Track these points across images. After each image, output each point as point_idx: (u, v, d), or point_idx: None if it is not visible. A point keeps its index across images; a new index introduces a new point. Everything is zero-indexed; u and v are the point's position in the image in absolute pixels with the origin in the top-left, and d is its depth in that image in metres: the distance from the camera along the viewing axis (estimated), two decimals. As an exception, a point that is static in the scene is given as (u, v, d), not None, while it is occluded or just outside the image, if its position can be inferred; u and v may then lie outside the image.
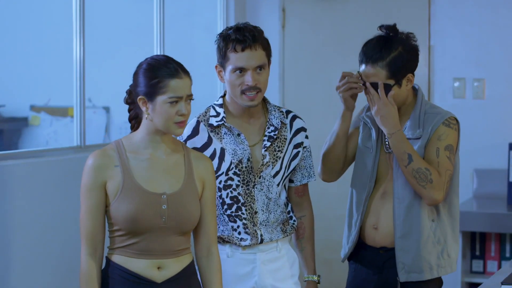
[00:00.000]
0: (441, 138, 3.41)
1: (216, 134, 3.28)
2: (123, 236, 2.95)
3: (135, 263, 2.94)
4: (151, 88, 2.92)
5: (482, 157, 5.52)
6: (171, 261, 2.97)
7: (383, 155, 3.49)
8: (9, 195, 3.86)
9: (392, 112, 3.37)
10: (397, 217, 3.43)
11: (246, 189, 3.28)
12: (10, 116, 5.99)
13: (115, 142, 3.01)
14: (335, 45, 5.88)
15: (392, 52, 3.38)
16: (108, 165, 2.94)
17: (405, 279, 3.43)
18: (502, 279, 3.40)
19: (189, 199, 2.99)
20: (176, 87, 2.93)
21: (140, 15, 5.73)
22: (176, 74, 2.94)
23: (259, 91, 3.22)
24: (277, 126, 3.31)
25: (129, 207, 2.91)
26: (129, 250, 2.94)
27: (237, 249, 3.29)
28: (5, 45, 5.92)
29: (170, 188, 2.97)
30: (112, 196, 2.93)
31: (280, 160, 3.31)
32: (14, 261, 3.86)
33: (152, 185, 2.95)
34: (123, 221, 2.92)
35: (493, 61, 5.53)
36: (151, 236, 2.94)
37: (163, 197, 2.94)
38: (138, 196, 2.92)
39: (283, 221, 3.35)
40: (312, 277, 3.45)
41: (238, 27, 3.22)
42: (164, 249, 2.96)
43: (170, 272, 2.97)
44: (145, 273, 2.94)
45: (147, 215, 2.92)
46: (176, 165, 3.01)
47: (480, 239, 5.26)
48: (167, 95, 2.91)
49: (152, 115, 2.94)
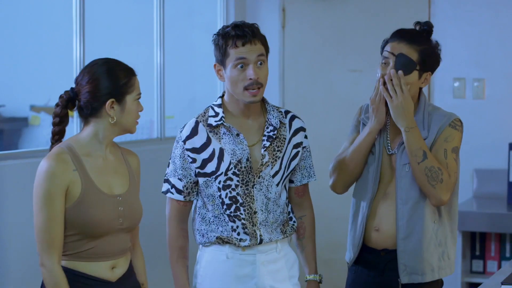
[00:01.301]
0: (448, 139, 3.41)
1: (215, 134, 3.28)
2: (78, 241, 2.92)
3: (91, 266, 2.94)
4: (121, 88, 2.94)
5: (482, 157, 5.52)
6: (122, 260, 3.02)
7: (385, 157, 3.48)
8: (9, 195, 3.86)
9: (411, 106, 3.37)
10: (400, 218, 3.42)
11: (245, 189, 3.27)
12: (10, 116, 5.99)
13: (65, 146, 2.94)
14: (335, 45, 5.88)
15: (427, 44, 3.42)
16: (67, 170, 2.89)
17: (407, 281, 3.43)
18: (502, 279, 3.40)
19: (136, 197, 3.05)
20: (138, 85, 3.01)
21: (140, 15, 5.73)
22: (134, 72, 3.02)
23: (261, 87, 3.22)
24: (276, 126, 3.30)
25: (89, 212, 2.89)
26: (85, 254, 2.93)
27: (237, 250, 3.28)
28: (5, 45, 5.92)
29: (121, 188, 3.00)
30: (71, 201, 2.89)
31: (279, 160, 3.31)
32: (14, 261, 3.86)
33: (108, 188, 2.96)
34: (82, 226, 2.89)
35: (493, 61, 5.53)
36: (107, 238, 2.94)
37: (119, 199, 2.96)
38: (98, 200, 2.92)
39: (283, 222, 3.35)
40: (313, 277, 3.45)
41: (236, 24, 3.23)
42: (117, 250, 2.99)
43: (121, 270, 3.02)
44: (102, 275, 2.96)
45: (107, 218, 2.92)
46: (120, 165, 3.04)
47: (480, 239, 5.26)
48: (136, 93, 2.99)
49: (119, 116, 2.95)
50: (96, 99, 2.94)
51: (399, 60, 3.39)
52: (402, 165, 3.42)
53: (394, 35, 3.45)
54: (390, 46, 3.43)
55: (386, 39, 3.47)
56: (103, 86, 2.95)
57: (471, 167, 5.50)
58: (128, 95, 2.95)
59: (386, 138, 3.49)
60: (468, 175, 5.49)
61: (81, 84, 2.96)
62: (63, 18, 4.78)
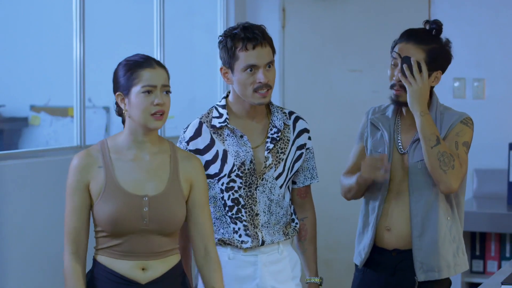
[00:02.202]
0: (459, 134, 3.43)
1: (218, 135, 3.27)
2: (106, 237, 2.94)
3: (119, 263, 2.94)
4: (126, 81, 2.93)
5: (482, 157, 5.51)
6: (156, 262, 2.96)
7: (396, 157, 3.47)
8: (9, 195, 3.86)
9: (428, 94, 3.38)
10: (414, 216, 3.42)
11: (248, 191, 3.26)
12: (10, 116, 5.99)
13: (100, 142, 3.00)
14: (335, 45, 5.88)
15: (436, 43, 3.43)
16: (91, 166, 2.94)
17: (423, 279, 3.42)
18: (502, 279, 3.40)
19: (173, 201, 2.97)
20: (149, 76, 2.92)
21: (140, 15, 5.73)
22: (148, 65, 2.94)
23: (270, 88, 3.22)
24: (280, 127, 3.29)
25: (110, 209, 2.90)
26: (113, 251, 2.94)
27: (238, 251, 3.28)
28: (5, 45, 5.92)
29: (153, 190, 2.95)
30: (95, 197, 2.93)
31: (283, 162, 3.30)
32: (14, 261, 3.86)
33: (134, 187, 2.94)
34: (105, 222, 2.91)
35: (493, 61, 5.53)
36: (133, 237, 2.93)
37: (145, 199, 2.93)
38: (119, 198, 2.91)
39: (285, 224, 3.34)
40: (313, 279, 3.45)
41: (244, 26, 3.20)
42: (148, 251, 2.95)
43: (154, 273, 2.96)
44: (129, 274, 2.94)
45: (128, 217, 2.91)
46: (160, 166, 2.99)
47: (480, 239, 5.26)
48: (140, 85, 2.91)
49: (129, 110, 2.93)
50: (114, 93, 2.99)
51: (405, 63, 3.38)
52: (415, 162, 3.42)
53: (402, 35, 3.46)
54: (398, 47, 3.43)
55: (396, 40, 3.47)
56: (113, 81, 2.99)
57: (471, 167, 5.48)
58: (133, 87, 2.92)
59: (397, 138, 3.48)
60: (468, 175, 5.47)
61: None
62: (63, 18, 4.78)
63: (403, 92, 3.41)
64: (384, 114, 3.54)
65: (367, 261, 3.52)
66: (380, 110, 3.57)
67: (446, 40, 3.48)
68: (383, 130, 3.50)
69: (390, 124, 3.50)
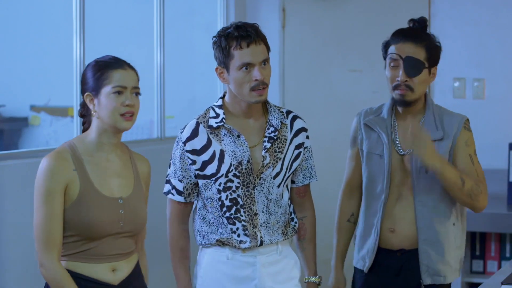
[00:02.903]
0: (468, 143, 3.44)
1: (215, 135, 3.26)
2: (77, 241, 2.90)
3: (90, 267, 2.92)
4: (96, 81, 2.91)
5: (482, 157, 5.47)
6: (123, 263, 2.97)
7: (395, 158, 3.46)
8: (9, 195, 3.85)
9: (432, 146, 3.33)
10: (420, 220, 3.41)
11: (246, 190, 3.26)
12: (10, 116, 5.99)
13: (67, 145, 2.95)
14: (335, 45, 5.88)
15: (429, 39, 3.43)
16: (66, 169, 2.89)
17: (429, 282, 3.42)
18: (502, 279, 3.39)
19: (140, 201, 3.00)
20: (120, 77, 2.91)
21: (140, 15, 5.73)
22: (119, 66, 2.93)
23: (266, 86, 3.21)
24: (277, 126, 3.29)
25: (87, 213, 2.87)
26: (84, 255, 2.91)
27: (237, 252, 3.27)
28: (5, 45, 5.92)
29: (124, 191, 2.96)
30: (69, 201, 2.88)
31: (280, 161, 3.29)
32: (14, 261, 3.86)
33: (109, 190, 2.93)
34: (80, 227, 2.88)
35: (493, 61, 5.53)
36: (107, 240, 2.92)
37: (120, 202, 2.93)
38: (97, 201, 2.89)
39: (284, 223, 3.33)
40: (312, 279, 3.44)
41: (237, 25, 3.20)
42: (118, 253, 2.95)
43: (123, 274, 2.97)
44: (102, 277, 2.93)
45: (106, 220, 2.90)
46: (125, 168, 3.01)
47: (480, 239, 5.26)
48: (111, 85, 2.89)
49: (99, 111, 2.91)
50: (82, 94, 2.97)
51: (408, 63, 3.37)
52: (419, 167, 3.41)
53: (397, 35, 3.43)
54: (396, 47, 3.41)
55: (388, 41, 3.45)
56: (82, 81, 2.97)
57: (471, 167, 5.50)
58: (103, 88, 2.90)
59: (395, 139, 3.47)
60: (468, 175, 5.49)
61: None
62: (63, 18, 4.78)
63: (409, 92, 3.39)
64: (379, 116, 3.52)
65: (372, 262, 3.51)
66: (372, 112, 3.55)
67: (433, 34, 3.48)
68: (380, 131, 3.47)
69: (387, 125, 3.48)
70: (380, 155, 3.46)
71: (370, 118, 3.52)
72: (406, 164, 3.44)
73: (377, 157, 3.47)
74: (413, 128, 3.31)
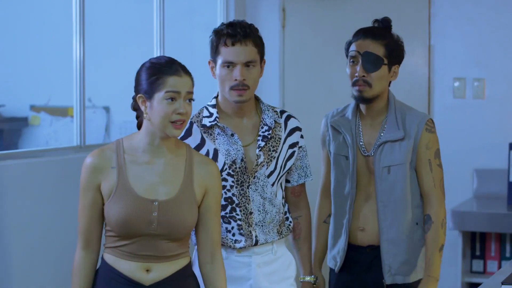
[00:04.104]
0: (428, 146, 3.44)
1: (209, 135, 3.27)
2: (114, 237, 2.94)
3: (124, 264, 2.92)
4: (150, 85, 2.89)
5: (482, 157, 5.51)
6: (162, 265, 2.94)
7: (360, 159, 3.48)
8: (9, 195, 3.85)
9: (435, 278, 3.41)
10: (382, 220, 3.43)
11: (240, 189, 3.26)
12: (10, 116, 5.99)
13: (115, 142, 2.98)
14: (335, 45, 5.87)
15: (390, 37, 3.46)
16: (104, 166, 2.93)
17: (391, 282, 3.44)
18: (502, 279, 3.40)
19: (184, 206, 2.94)
20: (175, 83, 2.89)
21: (140, 15, 5.73)
22: (175, 72, 2.91)
23: (247, 88, 3.20)
24: (271, 125, 3.29)
25: (119, 211, 2.89)
26: (119, 251, 2.93)
27: (232, 252, 3.27)
28: (5, 45, 5.92)
29: (164, 194, 2.92)
30: (106, 197, 2.92)
31: (274, 160, 3.29)
32: (14, 261, 3.86)
33: (145, 191, 2.92)
34: (114, 223, 2.91)
35: (493, 61, 5.53)
36: (140, 240, 2.91)
37: (155, 204, 2.90)
38: (129, 200, 2.89)
39: (279, 222, 3.33)
40: (307, 278, 3.45)
41: (231, 22, 3.22)
42: (155, 254, 2.93)
43: (159, 275, 2.94)
44: (133, 275, 2.92)
45: (136, 220, 2.89)
46: (175, 170, 2.96)
47: (480, 239, 5.26)
48: (165, 90, 2.87)
49: (150, 114, 2.90)
50: (135, 94, 2.96)
51: (366, 58, 3.40)
52: (382, 168, 3.43)
53: (357, 34, 3.47)
54: (356, 45, 3.44)
55: (349, 40, 3.49)
56: (136, 82, 2.96)
57: (471, 167, 5.50)
58: (157, 92, 2.88)
59: (359, 140, 3.49)
60: (468, 175, 5.49)
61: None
62: (63, 18, 4.78)
63: (367, 87, 3.41)
64: (343, 116, 3.54)
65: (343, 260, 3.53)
66: (338, 113, 3.58)
67: (397, 35, 3.49)
68: (344, 133, 3.49)
69: (351, 126, 3.50)
70: (346, 156, 3.48)
71: (335, 119, 3.54)
72: (371, 165, 3.45)
73: (343, 158, 3.49)
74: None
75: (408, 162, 3.42)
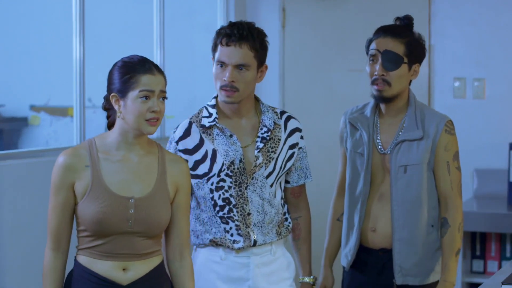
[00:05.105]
0: (447, 148, 3.41)
1: (208, 135, 3.26)
2: (88, 237, 2.92)
3: (99, 264, 2.91)
4: (123, 84, 2.89)
5: (482, 157, 5.51)
6: (138, 263, 2.94)
7: (376, 157, 3.46)
8: (9, 195, 3.86)
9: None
10: (396, 220, 3.41)
11: (238, 190, 3.25)
12: (10, 116, 5.99)
13: (87, 141, 2.97)
14: (335, 45, 5.87)
15: (411, 35, 3.44)
16: (78, 165, 2.91)
17: (401, 282, 3.42)
18: (503, 279, 3.39)
19: (159, 203, 2.95)
20: (148, 82, 2.89)
21: (140, 15, 5.73)
22: (148, 70, 2.91)
23: (236, 90, 3.19)
24: (270, 127, 3.28)
25: (95, 209, 2.88)
26: (94, 251, 2.92)
27: (231, 252, 3.27)
28: (5, 45, 5.92)
29: (139, 192, 2.93)
30: (79, 196, 2.91)
31: (273, 161, 3.29)
32: (13, 261, 3.86)
33: (121, 188, 2.92)
34: (89, 222, 2.89)
35: (493, 61, 5.53)
36: (117, 238, 2.91)
37: (131, 201, 2.90)
38: (105, 198, 2.89)
39: (278, 223, 3.33)
40: (306, 279, 3.44)
41: (234, 22, 3.22)
42: (131, 252, 2.93)
43: (136, 274, 2.94)
44: (110, 275, 2.91)
45: (113, 218, 2.89)
46: (148, 168, 2.97)
47: (480, 239, 5.26)
48: (138, 89, 2.88)
49: (124, 112, 2.90)
50: (108, 93, 2.96)
51: (386, 57, 3.38)
52: (398, 167, 3.41)
53: (377, 32, 3.45)
54: (375, 43, 3.42)
55: (370, 38, 3.47)
56: (108, 81, 2.96)
57: (471, 167, 5.50)
58: (130, 92, 2.89)
59: (376, 138, 3.47)
60: (468, 175, 5.49)
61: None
62: (63, 18, 4.78)
63: (386, 87, 3.39)
64: (362, 113, 3.52)
65: (354, 262, 3.52)
66: (357, 110, 3.55)
67: (419, 34, 3.48)
68: (361, 129, 3.48)
69: (369, 124, 3.48)
70: (362, 153, 3.46)
71: (354, 115, 3.52)
72: (387, 164, 3.44)
73: (359, 155, 3.47)
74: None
75: (425, 162, 3.40)
